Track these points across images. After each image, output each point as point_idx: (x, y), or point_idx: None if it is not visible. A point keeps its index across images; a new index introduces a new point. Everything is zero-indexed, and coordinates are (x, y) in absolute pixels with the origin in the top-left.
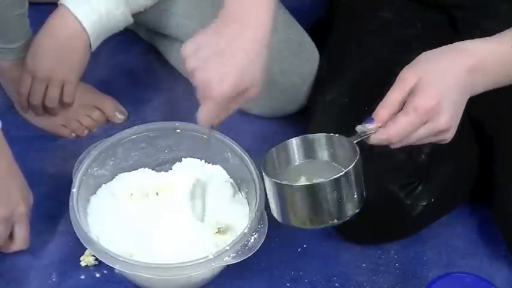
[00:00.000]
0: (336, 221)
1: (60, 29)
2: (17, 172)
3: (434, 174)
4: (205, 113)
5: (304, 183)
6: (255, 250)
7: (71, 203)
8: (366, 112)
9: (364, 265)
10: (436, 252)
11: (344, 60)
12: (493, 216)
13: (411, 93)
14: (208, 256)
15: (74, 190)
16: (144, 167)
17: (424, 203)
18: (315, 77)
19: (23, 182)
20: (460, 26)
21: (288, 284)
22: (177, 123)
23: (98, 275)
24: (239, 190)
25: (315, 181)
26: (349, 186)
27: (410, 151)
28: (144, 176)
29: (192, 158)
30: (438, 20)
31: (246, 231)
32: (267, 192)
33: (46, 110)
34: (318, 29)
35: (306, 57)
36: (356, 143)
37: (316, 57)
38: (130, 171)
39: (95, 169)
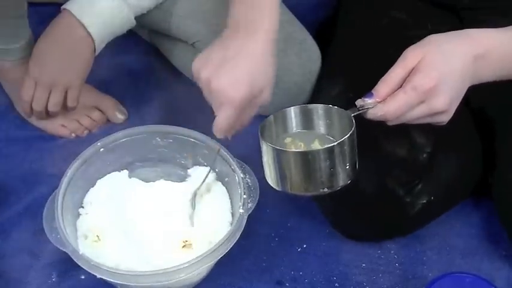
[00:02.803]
0: (326, 189)
1: (64, 35)
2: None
3: (435, 173)
4: (223, 119)
5: (298, 150)
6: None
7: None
8: None
9: (364, 265)
10: (436, 252)
11: (351, 56)
12: (496, 208)
13: (412, 71)
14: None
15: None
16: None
17: (424, 201)
18: (318, 75)
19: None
20: (469, 27)
21: (287, 284)
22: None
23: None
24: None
25: (309, 148)
26: (342, 156)
27: (412, 149)
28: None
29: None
30: (448, 21)
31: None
32: (263, 158)
33: (48, 114)
34: (322, 28)
35: (308, 56)
36: (354, 116)
37: (318, 56)
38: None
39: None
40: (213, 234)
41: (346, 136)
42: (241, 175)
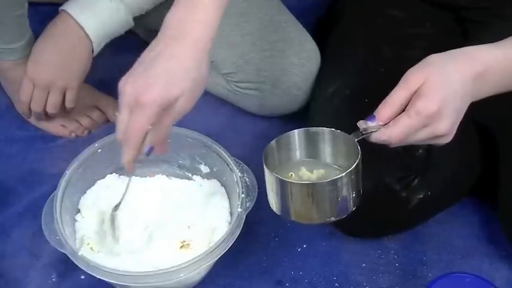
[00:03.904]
0: (333, 218)
1: (63, 36)
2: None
3: (431, 168)
4: (136, 123)
5: (305, 182)
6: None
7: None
8: (366, 104)
9: (364, 265)
10: (436, 252)
11: (347, 53)
12: (498, 217)
13: (415, 95)
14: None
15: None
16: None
17: (420, 196)
18: (316, 75)
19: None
20: (468, 27)
21: (287, 284)
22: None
23: None
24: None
25: (315, 180)
26: (348, 186)
27: (408, 144)
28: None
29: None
30: (447, 20)
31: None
32: (267, 185)
33: (47, 115)
34: (320, 28)
35: (307, 57)
36: (357, 140)
37: (317, 56)
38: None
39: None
40: (212, 234)
41: (353, 166)
42: (239, 174)
